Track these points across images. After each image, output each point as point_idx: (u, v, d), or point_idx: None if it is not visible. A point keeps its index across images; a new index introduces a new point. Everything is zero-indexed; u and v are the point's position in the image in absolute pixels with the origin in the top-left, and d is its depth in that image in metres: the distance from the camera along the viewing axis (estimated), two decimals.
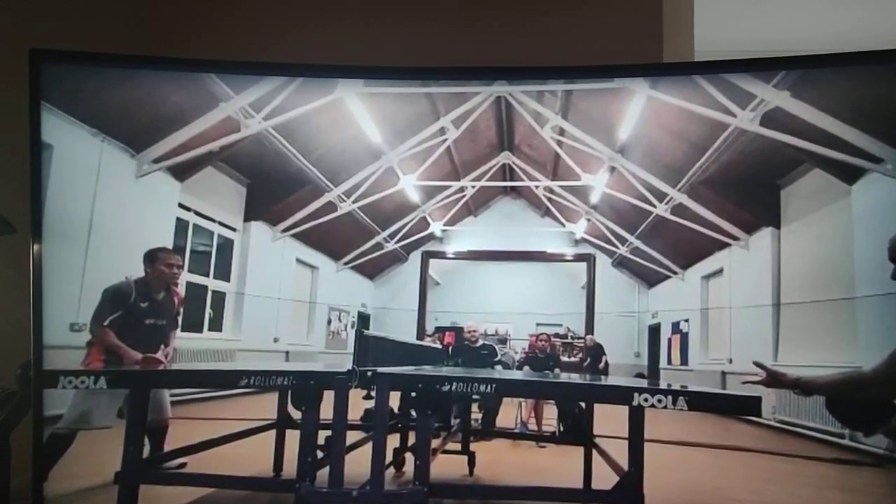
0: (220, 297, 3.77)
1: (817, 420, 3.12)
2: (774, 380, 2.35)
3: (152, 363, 2.99)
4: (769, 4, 4.89)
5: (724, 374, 3.61)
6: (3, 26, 2.98)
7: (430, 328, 4.08)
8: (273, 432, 3.16)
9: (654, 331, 4.02)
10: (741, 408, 2.58)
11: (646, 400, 2.29)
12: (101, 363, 2.88)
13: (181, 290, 3.21)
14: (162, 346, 3.06)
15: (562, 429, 3.63)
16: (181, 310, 3.21)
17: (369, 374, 2.48)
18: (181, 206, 3.40)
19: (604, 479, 2.70)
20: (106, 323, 2.89)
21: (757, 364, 2.43)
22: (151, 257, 3.07)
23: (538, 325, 4.06)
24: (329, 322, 4.13)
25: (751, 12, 4.96)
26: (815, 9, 4.96)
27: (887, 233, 2.63)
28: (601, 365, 3.83)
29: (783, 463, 3.09)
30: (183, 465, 2.86)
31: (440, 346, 3.99)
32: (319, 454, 2.51)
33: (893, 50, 2.48)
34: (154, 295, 3.07)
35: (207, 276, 3.73)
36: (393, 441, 3.10)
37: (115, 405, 2.82)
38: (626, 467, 2.49)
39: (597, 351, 3.87)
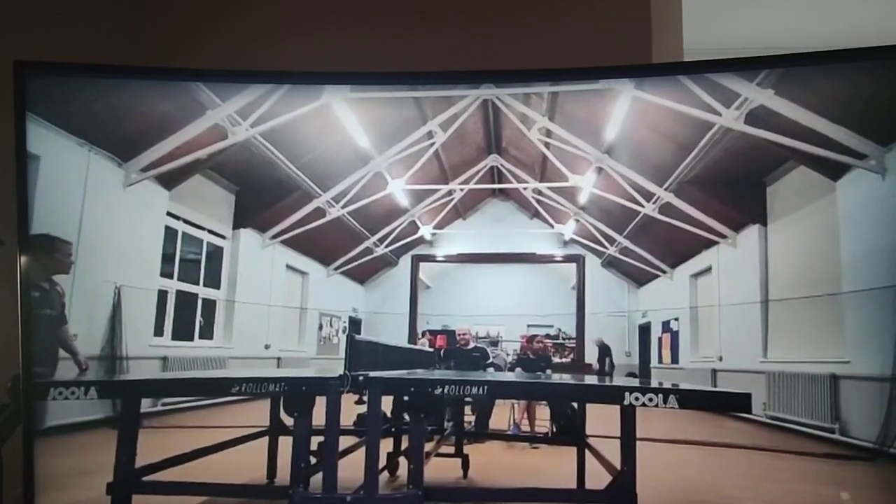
0: (210, 305, 3.76)
1: (807, 415, 3.14)
2: None
3: None
4: (758, 3, 4.92)
5: (714, 371, 3.63)
6: None
7: (420, 332, 4.07)
8: (266, 439, 3.16)
9: (645, 330, 4.03)
10: (732, 405, 2.60)
11: (637, 399, 2.30)
12: None
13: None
14: None
15: (555, 429, 3.63)
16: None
17: (361, 378, 2.48)
18: (170, 214, 3.39)
19: (597, 478, 2.71)
20: None
21: None
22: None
23: (529, 326, 4.06)
24: (320, 327, 4.12)
25: (740, 11, 4.98)
26: (805, 6, 4.99)
27: (872, 228, 2.65)
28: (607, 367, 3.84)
29: (776, 459, 3.10)
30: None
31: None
32: (313, 460, 2.51)
33: (875, 47, 2.50)
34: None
35: (197, 284, 3.72)
36: (386, 445, 3.10)
37: None
38: (619, 467, 2.50)
39: (603, 350, 3.88)
